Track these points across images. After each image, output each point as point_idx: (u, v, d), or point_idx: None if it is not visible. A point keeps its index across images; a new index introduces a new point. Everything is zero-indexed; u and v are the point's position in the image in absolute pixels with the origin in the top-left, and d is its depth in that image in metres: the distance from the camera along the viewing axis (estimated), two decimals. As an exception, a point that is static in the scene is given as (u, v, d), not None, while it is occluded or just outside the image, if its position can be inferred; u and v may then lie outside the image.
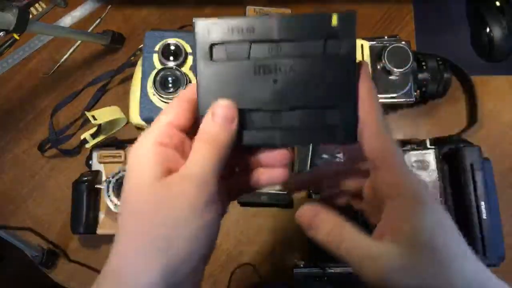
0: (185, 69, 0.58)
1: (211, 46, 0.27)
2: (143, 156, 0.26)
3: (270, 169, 0.30)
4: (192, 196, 0.25)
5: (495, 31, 0.65)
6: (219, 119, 0.26)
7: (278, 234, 0.63)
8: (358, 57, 0.55)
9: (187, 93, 0.28)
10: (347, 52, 0.26)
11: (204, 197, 0.25)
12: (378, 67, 0.56)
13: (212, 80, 0.27)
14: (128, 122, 0.66)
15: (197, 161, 0.26)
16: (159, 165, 0.25)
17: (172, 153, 0.27)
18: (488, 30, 0.65)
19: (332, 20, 0.27)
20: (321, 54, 0.27)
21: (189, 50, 0.59)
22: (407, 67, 0.54)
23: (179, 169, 0.26)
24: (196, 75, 0.27)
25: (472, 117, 0.65)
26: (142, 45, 0.59)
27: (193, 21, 0.27)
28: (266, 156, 0.29)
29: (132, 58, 0.65)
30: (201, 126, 0.27)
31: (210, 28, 0.27)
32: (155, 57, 0.58)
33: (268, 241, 0.63)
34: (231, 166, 0.31)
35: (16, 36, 0.53)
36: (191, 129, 0.28)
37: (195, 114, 0.28)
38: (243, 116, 0.27)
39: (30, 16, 0.52)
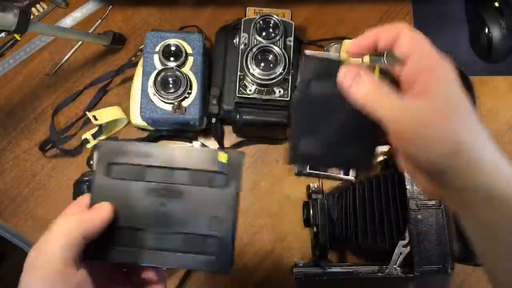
0: (186, 69, 0.58)
1: (109, 164, 0.30)
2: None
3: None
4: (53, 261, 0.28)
5: (494, 32, 0.65)
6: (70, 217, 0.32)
7: (278, 234, 0.63)
8: (358, 58, 0.55)
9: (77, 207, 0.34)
10: (231, 188, 0.29)
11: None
12: (378, 67, 0.56)
13: (106, 194, 0.30)
14: (129, 122, 0.66)
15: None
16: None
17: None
18: (487, 30, 0.66)
19: (221, 158, 0.30)
20: (208, 185, 0.30)
21: (189, 50, 0.59)
22: (406, 67, 0.54)
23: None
24: (92, 187, 0.30)
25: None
26: (142, 46, 0.60)
27: (96, 144, 0.30)
28: (148, 274, 0.33)
29: (133, 58, 0.66)
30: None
31: (113, 149, 0.30)
32: (156, 57, 0.58)
33: (268, 241, 0.63)
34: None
35: (17, 36, 0.53)
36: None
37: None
38: (129, 234, 0.30)
39: (31, 16, 0.52)
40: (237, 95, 0.57)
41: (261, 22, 0.57)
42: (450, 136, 0.27)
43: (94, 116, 0.61)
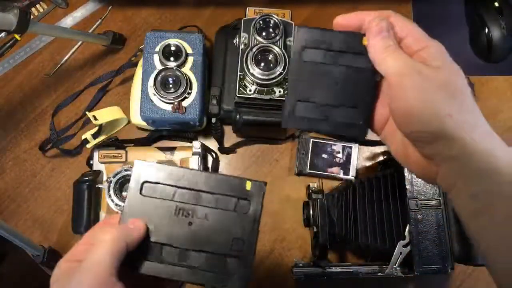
0: (186, 69, 0.58)
1: (143, 182, 0.33)
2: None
3: None
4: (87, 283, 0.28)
5: (494, 32, 0.65)
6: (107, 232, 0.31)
7: (278, 234, 0.63)
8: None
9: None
10: (253, 213, 0.32)
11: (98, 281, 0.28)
12: (378, 67, 0.56)
13: (136, 209, 0.32)
14: (129, 122, 0.66)
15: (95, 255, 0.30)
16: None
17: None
18: (487, 30, 0.66)
19: (247, 186, 0.33)
20: (232, 209, 0.33)
21: (189, 50, 0.59)
22: (406, 67, 0.54)
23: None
24: (126, 201, 0.32)
25: (471, 117, 0.66)
26: (142, 46, 0.60)
27: (135, 162, 0.33)
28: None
29: (133, 58, 0.66)
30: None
31: (146, 169, 0.33)
32: (156, 57, 0.58)
33: (268, 241, 0.63)
34: None
35: (17, 36, 0.53)
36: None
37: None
38: (156, 249, 0.32)
39: (31, 16, 0.52)
40: (237, 95, 0.57)
41: (261, 22, 0.57)
42: (446, 102, 0.29)
43: (94, 116, 0.61)
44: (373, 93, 0.33)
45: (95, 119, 0.61)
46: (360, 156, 0.65)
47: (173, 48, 0.58)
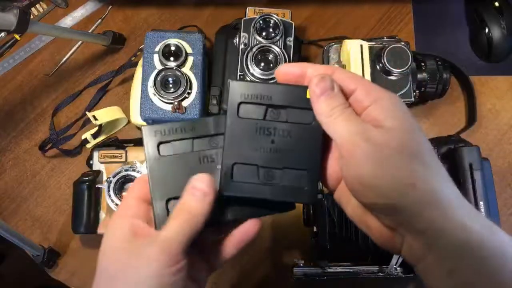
0: (186, 69, 0.58)
1: (158, 144, 0.31)
2: (116, 225, 0.30)
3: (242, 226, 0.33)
4: (155, 259, 0.27)
5: (494, 32, 0.65)
6: (196, 192, 0.29)
7: (278, 234, 0.63)
8: (358, 58, 0.55)
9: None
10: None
11: (167, 261, 0.27)
12: (378, 67, 0.56)
13: (162, 172, 0.31)
14: (128, 122, 0.66)
15: (169, 228, 0.28)
16: (130, 232, 0.29)
17: (140, 222, 0.30)
18: (487, 30, 0.66)
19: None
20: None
21: (189, 50, 0.59)
22: (406, 67, 0.55)
23: (152, 233, 0.29)
24: (147, 169, 0.31)
25: (471, 117, 0.66)
26: (142, 46, 0.60)
27: (142, 128, 0.31)
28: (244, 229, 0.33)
29: (132, 58, 0.66)
30: (181, 197, 0.29)
31: (156, 131, 0.31)
32: (156, 57, 0.58)
33: (268, 241, 0.63)
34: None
35: (17, 36, 0.53)
36: None
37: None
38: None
39: (31, 16, 0.52)
40: (237, 95, 0.57)
41: (261, 22, 0.57)
42: (405, 168, 0.25)
43: (94, 116, 0.61)
44: (321, 152, 0.30)
45: (95, 119, 0.61)
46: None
47: (173, 48, 0.58)
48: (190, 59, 0.59)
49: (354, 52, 0.55)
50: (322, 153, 0.30)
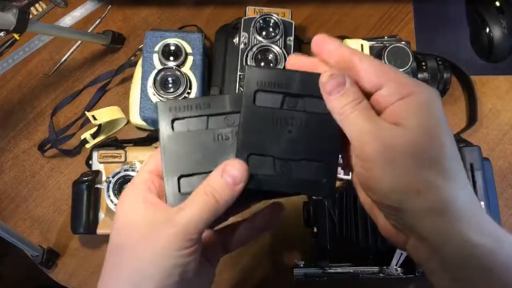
0: (185, 69, 0.58)
1: (173, 120, 0.30)
2: (133, 198, 0.29)
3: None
4: (171, 240, 0.26)
5: (495, 31, 0.65)
6: (228, 178, 0.27)
7: (278, 234, 0.63)
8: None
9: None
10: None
11: (183, 243, 0.26)
12: (378, 67, 0.56)
13: (175, 148, 0.30)
14: (128, 122, 0.66)
15: (188, 210, 0.27)
16: (144, 206, 0.28)
17: (153, 197, 0.29)
18: (487, 30, 0.65)
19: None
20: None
21: (189, 50, 0.59)
22: (407, 67, 0.54)
23: (169, 210, 0.28)
24: (160, 145, 0.30)
25: (472, 117, 0.65)
26: (142, 45, 0.60)
27: (157, 103, 0.30)
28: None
29: (132, 58, 0.65)
30: (208, 178, 0.28)
31: (171, 107, 0.30)
32: (155, 57, 0.58)
33: (268, 241, 0.63)
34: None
35: (16, 36, 0.53)
36: None
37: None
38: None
39: (30, 16, 0.52)
40: (237, 94, 0.57)
41: (261, 21, 0.57)
42: (413, 174, 0.24)
43: (93, 116, 0.61)
44: (340, 143, 0.28)
45: (94, 119, 0.60)
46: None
47: (172, 48, 0.58)
48: (190, 59, 0.58)
49: (355, 52, 0.54)
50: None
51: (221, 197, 0.27)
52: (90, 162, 0.59)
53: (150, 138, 0.64)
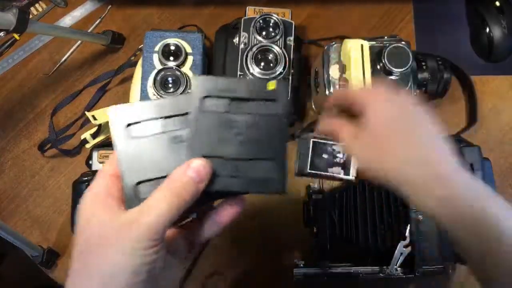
0: (185, 69, 0.58)
1: (127, 125, 0.30)
2: (93, 204, 0.29)
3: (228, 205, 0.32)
4: (136, 241, 0.26)
5: (495, 31, 0.65)
6: (193, 174, 0.28)
7: (278, 234, 0.63)
8: (359, 58, 0.55)
9: None
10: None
11: (148, 244, 0.26)
12: (378, 67, 0.56)
13: (131, 154, 0.30)
14: (128, 122, 0.66)
15: (152, 208, 0.27)
16: (108, 211, 0.28)
17: (114, 201, 0.29)
18: (488, 30, 0.65)
19: (270, 86, 0.30)
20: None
21: (189, 50, 0.59)
22: (407, 67, 0.54)
23: (132, 212, 0.27)
24: (116, 152, 0.30)
25: (472, 117, 0.65)
26: (142, 45, 0.59)
27: (109, 109, 0.31)
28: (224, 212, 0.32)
29: (132, 58, 0.65)
30: (172, 176, 0.28)
31: (124, 112, 0.30)
32: (155, 57, 0.58)
33: (268, 241, 0.63)
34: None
35: (16, 36, 0.53)
36: None
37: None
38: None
39: (30, 16, 0.52)
40: (237, 94, 0.57)
41: (261, 21, 0.57)
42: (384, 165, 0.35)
43: (93, 116, 0.60)
44: (286, 141, 0.31)
45: (94, 119, 0.60)
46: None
47: (172, 48, 0.58)
48: (190, 59, 0.58)
49: (355, 52, 0.54)
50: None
51: (187, 193, 0.27)
52: (90, 162, 0.59)
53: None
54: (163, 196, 0.27)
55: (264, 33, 0.57)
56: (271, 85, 0.30)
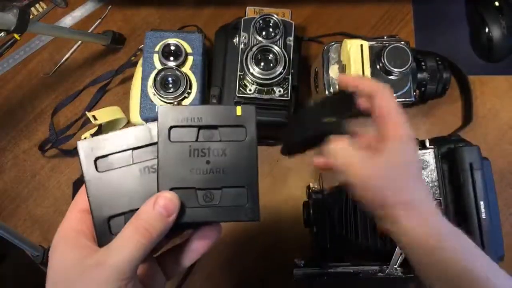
0: (185, 69, 0.58)
1: (96, 159, 0.29)
2: (63, 244, 0.28)
3: (203, 236, 0.31)
4: (105, 282, 0.25)
5: (494, 31, 0.65)
6: (161, 209, 0.27)
7: (278, 234, 0.63)
8: (358, 58, 0.55)
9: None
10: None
11: (118, 284, 0.25)
12: (378, 67, 0.56)
13: (101, 189, 0.29)
14: (128, 122, 0.66)
15: (120, 248, 0.26)
16: (77, 252, 0.27)
17: (84, 240, 0.28)
18: (487, 30, 0.65)
19: (237, 111, 0.30)
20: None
21: (189, 50, 0.59)
22: (406, 67, 0.54)
23: (99, 253, 0.26)
24: (85, 186, 0.29)
25: (467, 116, 0.66)
26: (142, 45, 0.60)
27: (77, 143, 0.30)
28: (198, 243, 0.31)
29: (132, 58, 0.66)
30: (139, 212, 0.27)
31: (93, 146, 0.30)
32: (156, 57, 0.58)
33: (268, 241, 0.63)
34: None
35: (16, 36, 0.53)
36: None
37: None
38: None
39: (31, 16, 0.52)
40: (237, 94, 0.57)
41: (261, 21, 0.57)
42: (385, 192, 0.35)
43: (93, 116, 0.61)
44: (257, 167, 0.30)
45: (95, 119, 0.61)
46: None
47: (172, 48, 0.58)
48: (190, 59, 0.59)
49: (354, 52, 0.54)
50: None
51: (154, 230, 0.27)
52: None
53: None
54: (130, 235, 0.26)
55: (264, 33, 0.57)
56: (239, 111, 0.30)
